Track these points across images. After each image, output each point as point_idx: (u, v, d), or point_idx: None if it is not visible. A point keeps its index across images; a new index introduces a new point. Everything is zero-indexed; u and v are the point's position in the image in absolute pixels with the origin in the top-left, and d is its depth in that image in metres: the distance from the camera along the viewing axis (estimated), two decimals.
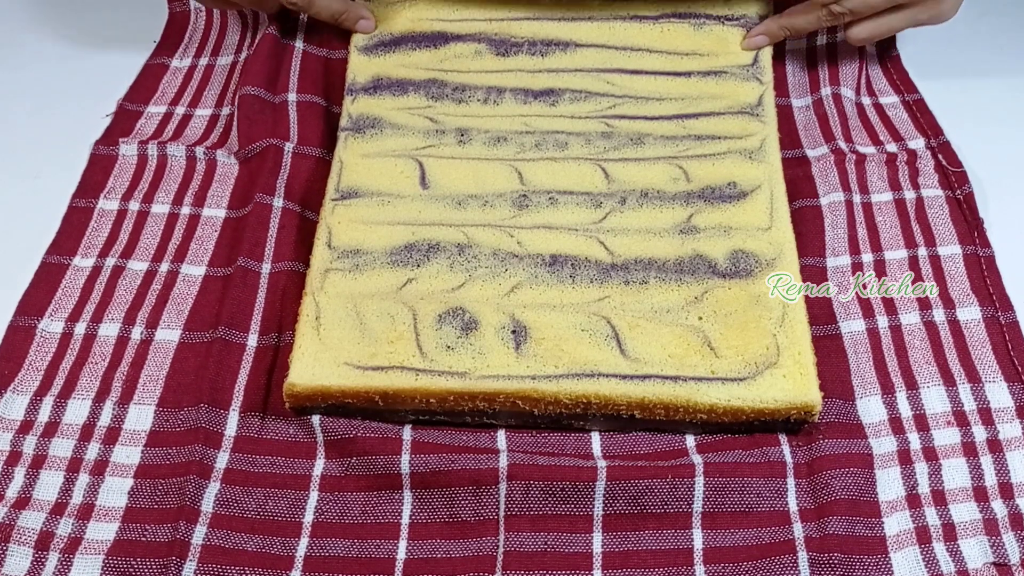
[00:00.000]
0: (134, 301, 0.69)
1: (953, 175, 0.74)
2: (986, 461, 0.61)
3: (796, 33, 0.79)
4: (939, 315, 0.67)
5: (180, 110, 0.81)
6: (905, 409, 0.63)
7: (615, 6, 0.82)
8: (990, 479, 0.60)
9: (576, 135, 0.74)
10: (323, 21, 0.82)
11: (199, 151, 0.76)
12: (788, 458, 0.61)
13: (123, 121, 0.80)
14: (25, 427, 0.63)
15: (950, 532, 0.59)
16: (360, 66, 0.80)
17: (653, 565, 0.58)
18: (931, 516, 0.59)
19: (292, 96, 0.79)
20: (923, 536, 0.59)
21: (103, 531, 0.59)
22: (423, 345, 0.63)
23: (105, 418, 0.63)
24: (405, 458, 0.60)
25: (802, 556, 0.57)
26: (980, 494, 0.60)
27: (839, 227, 0.72)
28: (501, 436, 0.63)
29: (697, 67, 0.78)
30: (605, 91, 0.77)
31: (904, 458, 0.61)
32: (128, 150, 0.77)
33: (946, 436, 0.62)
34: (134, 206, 0.74)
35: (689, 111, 0.75)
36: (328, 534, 0.59)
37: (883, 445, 0.62)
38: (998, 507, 0.59)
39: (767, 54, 0.79)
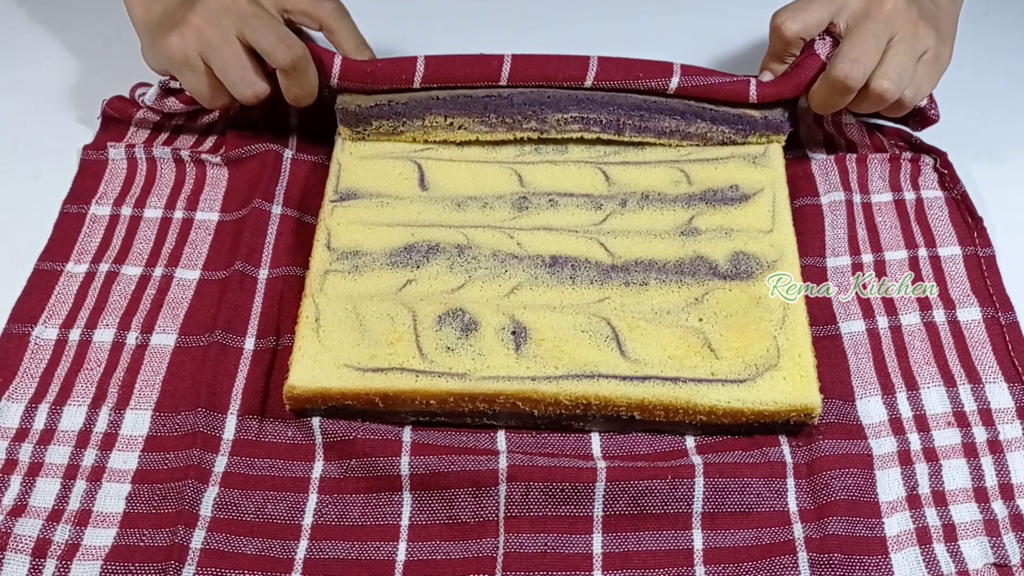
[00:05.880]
0: (129, 306, 0.69)
1: (952, 175, 0.74)
2: (986, 462, 0.61)
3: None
4: (939, 315, 0.67)
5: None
6: (905, 410, 0.63)
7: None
8: (990, 480, 0.61)
9: (576, 141, 0.74)
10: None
11: (184, 154, 0.76)
12: (788, 458, 0.61)
13: (112, 126, 0.79)
14: (21, 435, 0.62)
15: (950, 533, 0.59)
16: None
17: (653, 566, 0.58)
18: (931, 517, 0.59)
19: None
20: (923, 537, 0.59)
21: (101, 537, 0.58)
22: (423, 346, 0.63)
23: (101, 424, 0.63)
24: (405, 460, 0.60)
25: (802, 557, 0.57)
26: (980, 495, 0.60)
27: (839, 227, 0.72)
28: (501, 437, 0.63)
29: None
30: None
31: (904, 459, 0.61)
32: (117, 154, 0.76)
33: (946, 437, 0.62)
34: (126, 211, 0.74)
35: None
36: (328, 536, 0.59)
37: (883, 446, 0.62)
38: (998, 508, 0.59)
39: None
